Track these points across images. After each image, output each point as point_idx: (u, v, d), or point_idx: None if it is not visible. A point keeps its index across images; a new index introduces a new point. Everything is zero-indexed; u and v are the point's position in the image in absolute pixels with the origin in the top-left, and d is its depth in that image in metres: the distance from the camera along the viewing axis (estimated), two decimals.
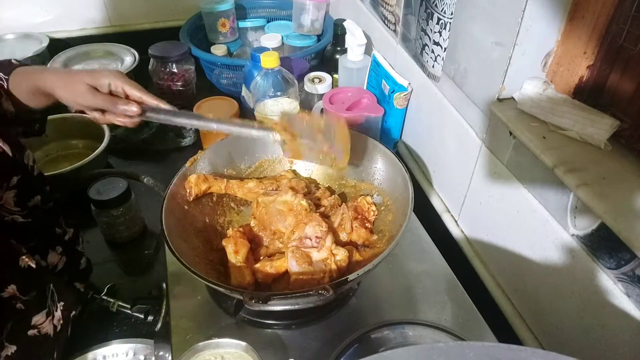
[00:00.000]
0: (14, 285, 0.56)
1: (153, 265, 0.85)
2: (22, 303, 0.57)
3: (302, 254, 0.62)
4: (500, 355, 0.31)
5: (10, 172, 0.60)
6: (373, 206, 0.72)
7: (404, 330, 0.62)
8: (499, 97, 0.63)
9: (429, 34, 0.76)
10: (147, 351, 0.69)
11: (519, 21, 0.56)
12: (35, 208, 0.64)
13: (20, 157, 0.62)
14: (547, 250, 0.59)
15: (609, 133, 0.53)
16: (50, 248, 0.67)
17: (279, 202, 0.70)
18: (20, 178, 0.61)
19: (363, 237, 0.69)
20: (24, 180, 0.62)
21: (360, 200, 0.72)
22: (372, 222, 0.71)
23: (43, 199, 0.66)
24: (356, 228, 0.69)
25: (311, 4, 1.21)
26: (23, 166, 0.63)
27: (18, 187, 0.61)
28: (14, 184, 0.60)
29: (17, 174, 0.61)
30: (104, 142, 0.96)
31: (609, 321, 0.51)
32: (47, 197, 0.67)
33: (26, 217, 0.62)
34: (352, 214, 0.70)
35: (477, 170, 0.71)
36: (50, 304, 0.62)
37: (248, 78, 0.97)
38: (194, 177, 0.70)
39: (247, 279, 0.63)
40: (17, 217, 0.61)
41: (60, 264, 0.69)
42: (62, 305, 0.64)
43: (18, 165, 0.62)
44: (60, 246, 0.69)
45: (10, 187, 0.60)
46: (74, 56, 1.21)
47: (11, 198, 0.60)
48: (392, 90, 0.88)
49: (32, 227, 0.64)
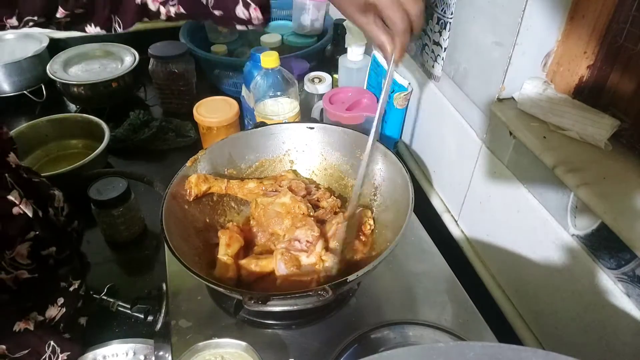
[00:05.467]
0: (4, 346, 0.55)
1: (153, 265, 0.85)
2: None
3: (291, 257, 0.62)
4: (500, 355, 0.30)
5: (26, 230, 0.60)
6: (371, 220, 0.70)
7: (404, 330, 0.62)
8: (499, 97, 0.63)
9: (429, 33, 0.76)
10: (147, 351, 0.69)
11: (519, 21, 0.56)
12: (48, 258, 0.63)
13: (43, 212, 0.62)
14: (547, 250, 0.59)
15: (609, 133, 0.53)
16: (51, 303, 0.63)
17: (277, 204, 0.70)
18: (37, 234, 0.61)
19: (355, 248, 0.67)
20: (42, 234, 0.61)
21: (359, 212, 0.70)
22: (367, 236, 0.69)
23: (58, 250, 0.65)
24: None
25: (311, 4, 1.21)
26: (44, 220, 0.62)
27: (34, 240, 0.60)
28: (29, 237, 0.60)
29: (35, 230, 0.60)
30: (104, 142, 0.96)
31: (609, 321, 0.51)
32: (63, 248, 0.66)
33: (32, 272, 0.60)
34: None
35: (477, 170, 0.71)
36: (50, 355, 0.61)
37: (248, 78, 0.97)
38: (194, 177, 0.70)
39: (229, 274, 0.63)
40: (23, 272, 0.59)
41: (58, 316, 0.64)
42: (66, 355, 0.63)
43: (37, 221, 0.61)
44: (62, 297, 0.65)
45: (24, 240, 0.59)
46: (74, 56, 1.21)
47: (25, 249, 0.59)
48: (392, 90, 0.88)
49: (36, 283, 0.61)
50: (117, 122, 1.09)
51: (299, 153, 0.80)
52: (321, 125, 0.78)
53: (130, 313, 0.72)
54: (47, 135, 1.03)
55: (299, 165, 0.80)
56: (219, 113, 0.90)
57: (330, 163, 0.79)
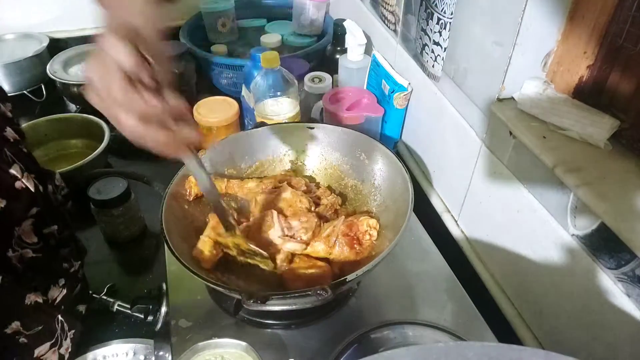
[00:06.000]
0: (18, 322, 0.55)
1: (153, 265, 0.85)
2: (26, 337, 0.56)
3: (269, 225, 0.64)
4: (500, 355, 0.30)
5: (30, 206, 0.59)
6: (373, 231, 0.66)
7: (404, 330, 0.62)
8: (499, 97, 0.63)
9: (429, 34, 0.76)
10: (147, 351, 0.69)
11: (519, 21, 0.56)
12: (49, 237, 0.62)
13: (43, 187, 0.61)
14: (547, 250, 0.59)
15: (609, 133, 0.53)
16: (53, 283, 0.63)
17: (278, 200, 0.70)
18: (39, 210, 0.60)
19: (345, 256, 0.64)
20: (43, 210, 0.60)
21: (363, 220, 0.66)
22: (362, 246, 0.65)
23: (59, 229, 0.64)
24: (341, 245, 0.64)
25: (311, 3, 1.21)
26: (44, 197, 0.61)
27: (36, 216, 0.59)
28: (32, 214, 0.59)
29: (37, 206, 0.60)
30: (104, 142, 0.96)
31: (609, 321, 0.51)
32: (63, 228, 0.65)
33: (37, 251, 0.59)
34: (343, 229, 0.65)
35: (477, 170, 0.71)
36: (60, 334, 0.61)
37: (248, 78, 0.97)
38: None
39: (204, 254, 0.62)
40: (28, 251, 0.58)
41: (59, 297, 0.64)
42: (72, 333, 0.63)
43: (39, 197, 0.60)
44: (63, 278, 0.65)
45: (28, 217, 0.58)
46: (74, 56, 1.21)
47: (29, 226, 0.58)
48: (392, 90, 0.88)
49: (40, 263, 0.60)
50: None
51: (299, 153, 0.80)
52: (321, 125, 0.78)
53: (130, 313, 0.72)
54: (47, 135, 1.03)
55: (298, 165, 0.81)
56: (219, 113, 0.90)
57: (330, 163, 0.79)
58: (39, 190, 0.60)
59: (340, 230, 0.65)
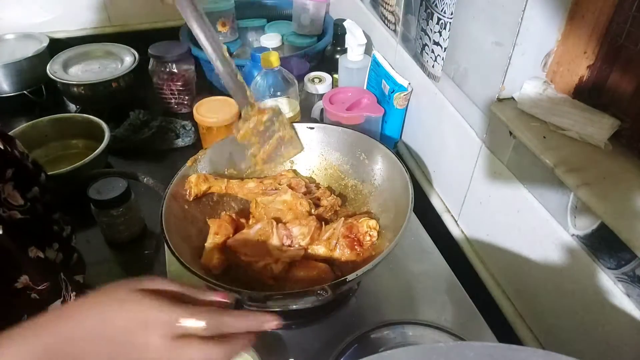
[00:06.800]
0: (26, 276, 0.55)
1: (153, 265, 0.85)
2: (37, 293, 0.56)
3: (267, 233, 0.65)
4: (500, 355, 0.30)
5: (4, 166, 0.59)
6: (373, 232, 0.66)
7: (404, 330, 0.62)
8: (499, 97, 0.63)
9: (429, 34, 0.76)
10: None
11: (519, 21, 0.56)
12: (35, 201, 0.63)
13: (11, 148, 0.61)
14: (547, 250, 0.59)
15: (609, 133, 0.53)
16: (47, 245, 0.64)
17: (278, 202, 0.70)
18: (14, 171, 0.60)
19: (346, 258, 0.65)
20: (18, 172, 0.61)
21: (362, 221, 0.66)
22: (362, 247, 0.66)
23: (41, 191, 0.64)
24: (341, 247, 0.65)
25: (311, 3, 1.21)
26: (15, 158, 0.62)
27: (14, 179, 0.60)
28: (9, 176, 0.59)
29: (11, 167, 0.60)
30: (104, 142, 0.95)
31: (609, 321, 0.51)
32: (44, 189, 0.66)
33: (25, 213, 0.60)
34: (343, 231, 0.65)
35: (477, 170, 0.71)
36: (65, 294, 0.61)
37: (248, 78, 0.97)
38: (194, 177, 0.70)
39: (213, 261, 0.63)
40: (16, 213, 0.59)
41: (57, 260, 0.66)
42: (74, 295, 0.63)
43: (10, 157, 0.61)
44: (57, 242, 0.67)
45: (6, 179, 0.59)
46: (74, 56, 1.21)
47: (12, 189, 0.59)
48: (392, 90, 0.88)
49: (30, 224, 0.62)
50: (117, 122, 1.08)
51: (299, 153, 0.80)
52: (321, 125, 0.78)
53: None
54: (47, 135, 1.03)
55: (299, 165, 0.80)
56: (219, 113, 0.90)
57: (330, 163, 0.79)
58: (7, 150, 0.60)
59: (340, 232, 0.65)
